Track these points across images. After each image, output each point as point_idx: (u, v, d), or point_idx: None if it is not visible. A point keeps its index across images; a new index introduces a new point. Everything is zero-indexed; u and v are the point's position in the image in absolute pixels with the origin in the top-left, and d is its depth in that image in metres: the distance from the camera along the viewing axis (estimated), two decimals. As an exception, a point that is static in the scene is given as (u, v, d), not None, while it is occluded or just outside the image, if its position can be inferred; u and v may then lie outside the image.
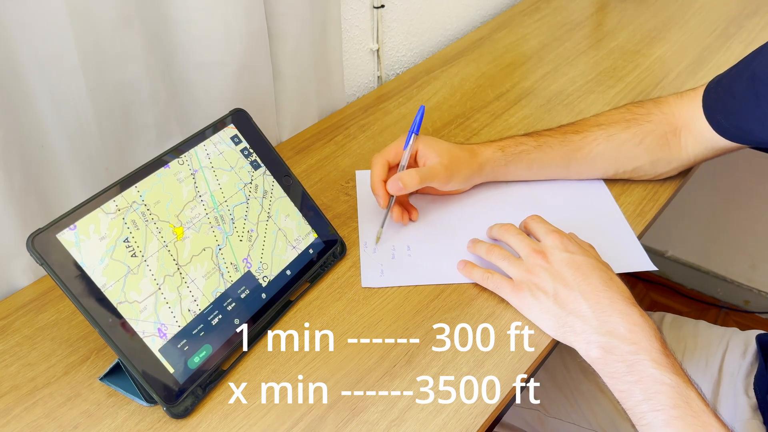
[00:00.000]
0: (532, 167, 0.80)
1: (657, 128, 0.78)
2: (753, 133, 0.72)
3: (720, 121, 0.75)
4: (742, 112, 0.71)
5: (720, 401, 0.80)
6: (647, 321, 0.59)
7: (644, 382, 0.55)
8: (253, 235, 0.67)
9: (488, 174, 0.79)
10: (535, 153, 0.78)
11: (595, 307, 0.60)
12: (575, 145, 0.79)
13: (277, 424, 0.57)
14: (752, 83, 0.70)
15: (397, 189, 0.72)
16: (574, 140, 0.79)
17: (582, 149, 0.79)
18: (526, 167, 0.79)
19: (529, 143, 0.79)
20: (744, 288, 1.74)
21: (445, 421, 0.56)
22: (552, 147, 0.79)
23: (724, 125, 0.74)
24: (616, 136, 0.78)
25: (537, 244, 0.66)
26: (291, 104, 0.93)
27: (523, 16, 1.29)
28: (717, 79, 0.77)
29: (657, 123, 0.78)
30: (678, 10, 1.28)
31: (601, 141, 0.78)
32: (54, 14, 0.64)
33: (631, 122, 0.79)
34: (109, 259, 0.56)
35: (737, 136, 0.74)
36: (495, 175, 0.80)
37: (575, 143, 0.79)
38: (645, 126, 0.78)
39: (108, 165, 0.75)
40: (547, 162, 0.79)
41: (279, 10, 0.84)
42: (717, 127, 0.75)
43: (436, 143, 0.76)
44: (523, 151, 0.78)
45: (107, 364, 0.61)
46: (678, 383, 0.55)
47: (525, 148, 0.79)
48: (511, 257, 0.67)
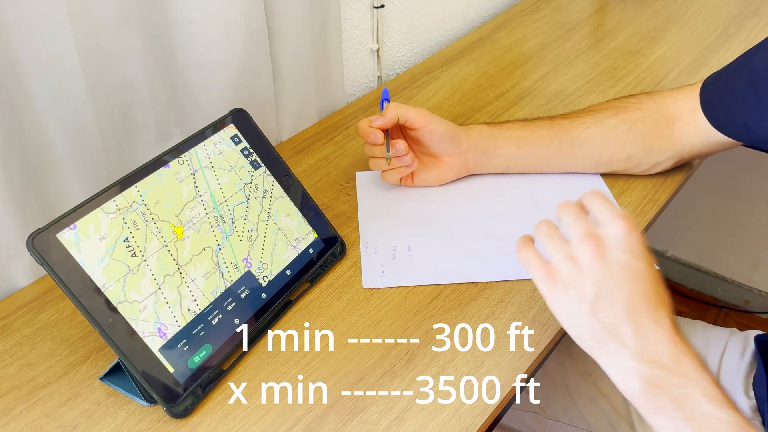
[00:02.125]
0: (521, 144, 0.80)
1: (648, 116, 0.78)
2: (751, 130, 0.72)
3: (718, 117, 0.74)
4: (741, 108, 0.71)
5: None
6: (693, 350, 0.52)
7: (698, 419, 0.49)
8: (253, 234, 0.67)
9: (476, 144, 0.80)
10: (523, 130, 0.80)
11: (638, 330, 0.51)
12: (564, 128, 0.80)
13: (277, 424, 0.57)
14: (752, 80, 0.69)
15: (380, 121, 0.75)
16: (562, 123, 0.80)
17: (570, 132, 0.80)
18: (515, 144, 0.80)
19: (517, 122, 0.81)
20: (744, 288, 1.74)
21: (445, 421, 0.56)
22: (540, 127, 0.80)
23: (723, 121, 0.74)
24: (606, 121, 0.79)
25: (595, 228, 0.54)
26: (291, 104, 0.93)
27: (523, 16, 1.29)
28: (715, 75, 0.77)
29: (648, 111, 0.79)
30: (678, 10, 1.28)
31: (590, 125, 0.79)
32: (54, 14, 0.64)
33: (620, 109, 0.80)
34: (109, 259, 0.56)
35: (735, 132, 0.74)
36: (484, 147, 0.80)
37: (564, 126, 0.80)
38: (635, 113, 0.79)
39: (108, 165, 0.75)
40: (536, 141, 0.80)
41: (279, 10, 0.84)
42: (715, 122, 0.75)
43: None
44: (510, 127, 0.80)
45: (107, 364, 0.61)
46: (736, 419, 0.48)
47: (512, 126, 0.81)
48: (558, 235, 0.56)
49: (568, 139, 0.80)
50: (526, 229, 0.76)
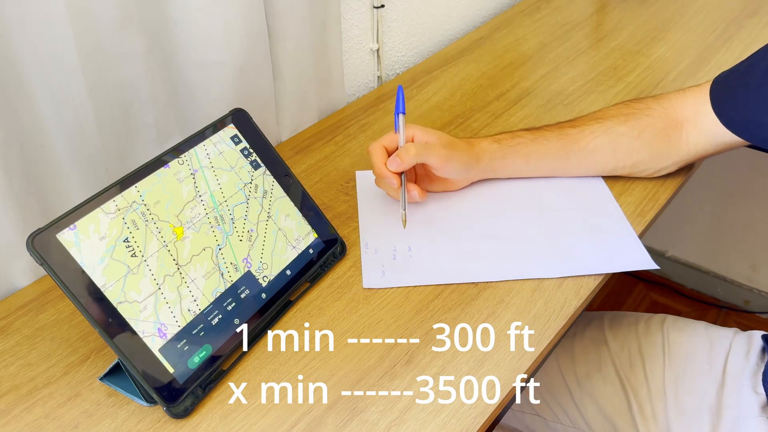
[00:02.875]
0: (529, 160, 0.79)
1: (656, 122, 0.78)
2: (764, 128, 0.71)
3: (730, 114, 0.74)
4: (758, 103, 0.70)
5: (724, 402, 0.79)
6: None
7: None
8: (253, 235, 0.67)
9: (486, 167, 0.79)
10: (532, 145, 0.78)
11: None
12: (572, 138, 0.79)
13: (277, 424, 0.57)
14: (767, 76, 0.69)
15: (396, 165, 0.72)
16: (571, 133, 0.79)
17: (579, 142, 0.79)
18: (523, 160, 0.79)
19: (526, 136, 0.79)
20: (744, 288, 1.74)
21: (445, 421, 0.56)
22: (548, 140, 0.79)
23: (735, 118, 0.73)
24: (614, 129, 0.78)
25: None
26: (291, 104, 0.93)
27: (523, 16, 1.29)
28: (727, 73, 0.76)
29: (656, 117, 0.78)
30: (678, 10, 1.28)
31: (599, 134, 0.78)
32: (54, 14, 0.64)
33: (629, 116, 0.79)
34: (109, 259, 0.56)
35: (747, 129, 0.73)
36: (493, 168, 0.79)
37: (572, 136, 0.79)
38: (643, 119, 0.78)
39: (108, 165, 0.75)
40: (544, 154, 0.79)
41: (279, 10, 0.84)
42: (726, 120, 0.74)
43: (433, 130, 0.76)
44: (519, 143, 0.78)
45: (107, 364, 0.61)
46: None
47: (521, 141, 0.79)
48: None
49: (577, 149, 0.79)
50: (526, 230, 0.76)
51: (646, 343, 0.86)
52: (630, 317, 0.91)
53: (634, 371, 0.84)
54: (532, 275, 0.70)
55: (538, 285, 0.69)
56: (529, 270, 0.71)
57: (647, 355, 0.85)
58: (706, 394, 0.80)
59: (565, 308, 0.67)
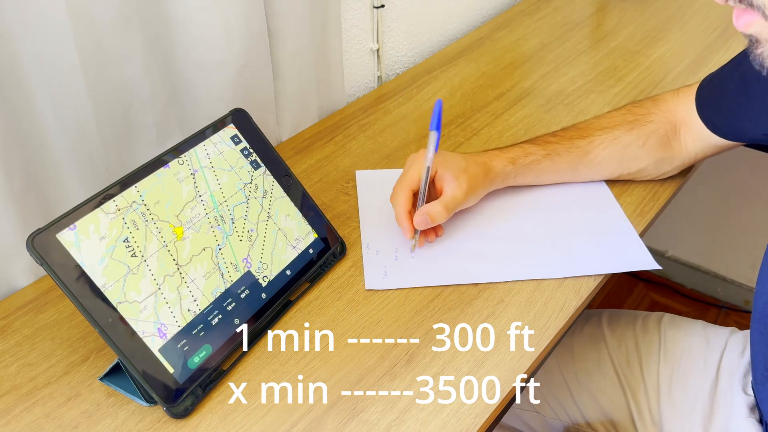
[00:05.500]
0: (541, 176, 0.80)
1: (659, 128, 0.78)
2: (746, 132, 0.72)
3: (713, 120, 0.75)
4: (735, 111, 0.71)
5: (717, 400, 0.79)
6: None
7: None
8: (253, 235, 0.67)
9: (497, 185, 0.79)
10: (545, 162, 0.79)
11: None
12: (582, 151, 0.79)
13: (277, 424, 0.57)
14: (743, 82, 0.70)
15: (425, 224, 0.71)
16: (580, 146, 0.79)
17: (588, 154, 0.79)
18: (535, 176, 0.80)
19: (538, 153, 0.78)
20: (744, 288, 1.74)
21: (445, 421, 0.56)
22: (560, 155, 0.79)
23: (718, 124, 0.75)
24: (621, 138, 0.78)
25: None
26: (291, 104, 0.93)
27: (523, 16, 1.29)
28: (709, 78, 0.77)
29: (658, 123, 0.79)
30: (678, 10, 1.28)
31: (607, 145, 0.79)
32: (54, 14, 0.64)
33: (633, 124, 0.79)
34: (108, 259, 0.56)
35: (731, 134, 0.74)
36: (504, 185, 0.80)
37: (582, 149, 0.79)
38: (647, 126, 0.78)
39: (108, 165, 0.75)
40: (556, 170, 0.80)
41: (279, 9, 0.84)
42: (711, 125, 0.75)
43: (452, 161, 0.73)
44: (533, 161, 0.78)
45: (107, 364, 0.61)
46: None
47: (534, 158, 0.78)
48: None
49: (586, 161, 0.80)
50: (528, 231, 0.76)
51: (643, 340, 0.86)
52: (628, 315, 0.91)
53: (631, 368, 0.84)
54: (534, 276, 0.70)
55: (538, 285, 0.69)
56: (532, 271, 0.71)
57: (644, 353, 0.85)
58: (700, 391, 0.80)
59: (565, 308, 0.67)
